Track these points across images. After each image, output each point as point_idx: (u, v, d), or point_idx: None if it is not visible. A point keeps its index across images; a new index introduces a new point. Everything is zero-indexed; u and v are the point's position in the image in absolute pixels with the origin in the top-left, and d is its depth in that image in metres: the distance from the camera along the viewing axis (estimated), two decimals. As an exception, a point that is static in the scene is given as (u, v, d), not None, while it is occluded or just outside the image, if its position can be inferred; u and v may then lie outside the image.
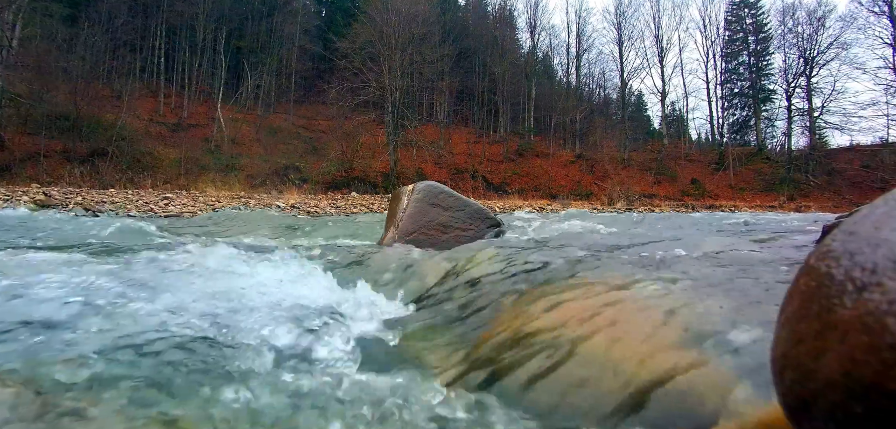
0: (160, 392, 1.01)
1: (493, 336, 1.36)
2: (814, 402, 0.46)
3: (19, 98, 20.02)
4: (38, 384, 0.99)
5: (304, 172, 24.26)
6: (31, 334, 1.23)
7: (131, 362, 1.12)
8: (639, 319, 1.15)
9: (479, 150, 30.32)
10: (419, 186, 3.72)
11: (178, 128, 26.31)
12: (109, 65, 26.69)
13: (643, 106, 46.03)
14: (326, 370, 1.20)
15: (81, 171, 18.30)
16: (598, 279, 1.53)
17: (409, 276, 2.29)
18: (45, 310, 1.40)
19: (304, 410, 0.97)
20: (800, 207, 21.47)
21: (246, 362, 1.18)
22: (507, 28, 37.03)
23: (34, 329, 1.27)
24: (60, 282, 1.67)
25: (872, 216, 0.53)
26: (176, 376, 1.08)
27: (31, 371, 1.04)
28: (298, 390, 1.05)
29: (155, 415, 0.92)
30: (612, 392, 0.95)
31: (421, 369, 1.29)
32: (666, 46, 35.13)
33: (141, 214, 8.24)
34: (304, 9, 36.08)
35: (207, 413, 0.94)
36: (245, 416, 0.94)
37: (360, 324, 1.62)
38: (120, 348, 1.17)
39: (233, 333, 1.32)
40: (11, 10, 20.23)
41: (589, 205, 20.29)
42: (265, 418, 0.94)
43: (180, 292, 1.64)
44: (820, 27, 28.94)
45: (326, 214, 10.24)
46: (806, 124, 29.96)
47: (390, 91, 25.49)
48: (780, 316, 0.55)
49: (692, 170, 30.38)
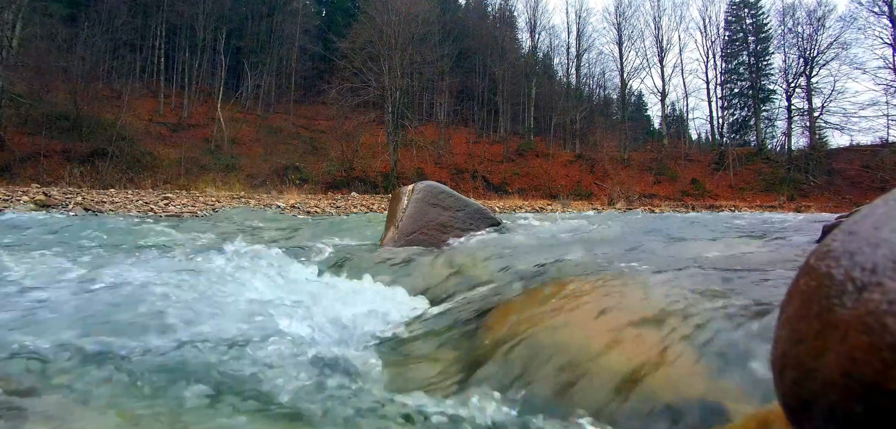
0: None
1: (492, 335, 1.36)
2: (814, 402, 0.46)
3: (19, 98, 20.00)
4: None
5: (304, 172, 24.25)
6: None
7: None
8: (635, 317, 1.15)
9: (479, 150, 30.30)
10: (419, 186, 3.71)
11: (178, 128, 26.29)
12: (109, 65, 26.66)
13: (643, 106, 46.02)
14: (327, 369, 1.20)
15: (81, 171, 18.28)
16: (595, 278, 1.53)
17: (409, 275, 2.29)
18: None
19: (303, 401, 0.97)
20: (800, 208, 21.45)
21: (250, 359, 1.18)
22: (507, 28, 37.00)
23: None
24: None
25: (872, 216, 0.53)
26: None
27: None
28: (299, 385, 1.05)
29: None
30: (612, 391, 0.95)
31: (420, 367, 1.29)
32: (666, 46, 35.12)
33: (141, 215, 8.24)
34: (304, 9, 36.03)
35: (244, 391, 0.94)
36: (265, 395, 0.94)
37: (359, 324, 1.62)
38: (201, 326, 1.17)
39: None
40: (11, 10, 20.20)
41: (589, 205, 20.28)
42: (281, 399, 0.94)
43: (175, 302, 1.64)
44: (820, 27, 28.91)
45: (326, 214, 10.24)
46: (806, 124, 29.93)
47: (390, 91, 25.47)
48: (780, 316, 0.55)
49: (692, 170, 30.33)
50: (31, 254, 2.57)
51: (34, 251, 2.79)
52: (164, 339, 1.27)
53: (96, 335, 1.26)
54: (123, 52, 27.02)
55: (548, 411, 0.98)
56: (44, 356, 1.12)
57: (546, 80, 37.46)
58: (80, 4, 26.03)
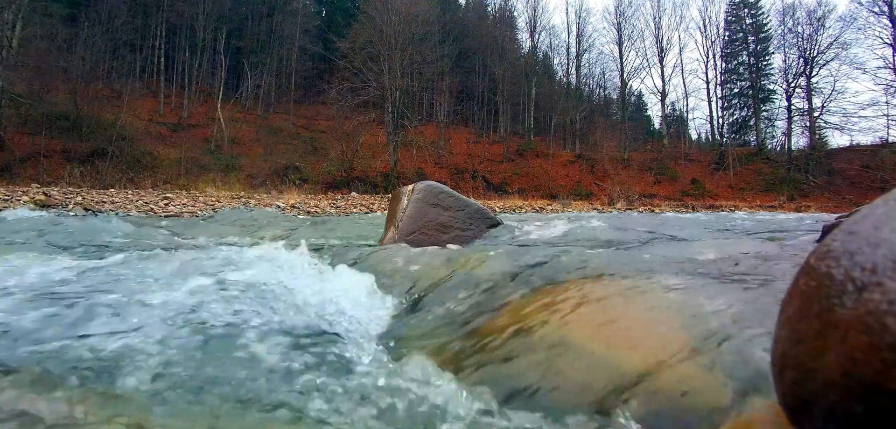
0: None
1: (492, 335, 1.36)
2: (814, 402, 0.46)
3: (19, 98, 20.01)
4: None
5: (304, 172, 24.25)
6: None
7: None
8: (638, 318, 1.15)
9: (479, 150, 30.31)
10: (419, 186, 3.72)
11: (178, 128, 26.31)
12: (109, 65, 26.68)
13: (643, 106, 46.07)
14: (327, 367, 1.20)
15: (81, 171, 18.29)
16: (598, 279, 1.53)
17: (409, 275, 2.29)
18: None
19: (310, 399, 0.97)
20: (800, 208, 21.48)
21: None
22: (507, 28, 37.03)
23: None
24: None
25: (872, 216, 0.53)
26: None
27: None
28: (305, 384, 1.05)
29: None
30: (611, 391, 0.95)
31: (419, 366, 1.29)
32: (666, 46, 35.17)
33: (141, 214, 8.24)
34: (304, 9, 36.05)
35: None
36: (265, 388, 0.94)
37: (359, 323, 1.62)
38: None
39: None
40: (11, 9, 20.21)
41: (589, 205, 20.30)
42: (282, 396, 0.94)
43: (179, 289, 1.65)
44: (820, 27, 28.96)
45: (326, 214, 10.24)
46: (806, 124, 29.96)
47: (390, 91, 25.48)
48: (780, 316, 0.55)
49: (692, 170, 30.35)
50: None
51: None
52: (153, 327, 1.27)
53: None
54: (123, 52, 27.03)
55: (548, 410, 0.98)
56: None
57: (546, 80, 37.49)
58: (80, 4, 26.04)
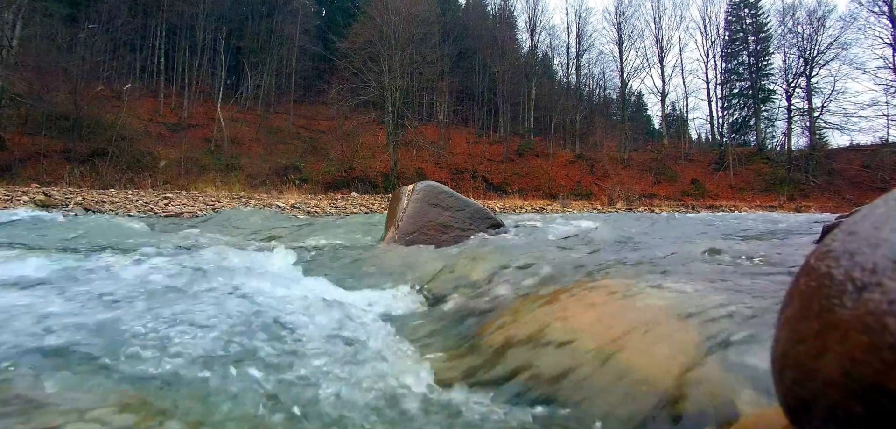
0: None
1: (491, 334, 1.36)
2: (814, 402, 0.46)
3: (19, 98, 19.99)
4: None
5: (304, 172, 24.25)
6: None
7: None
8: (637, 318, 1.15)
9: (479, 150, 30.31)
10: (419, 186, 3.72)
11: (178, 128, 26.29)
12: (109, 65, 26.66)
13: (643, 106, 46.02)
14: (327, 367, 1.20)
15: (81, 171, 18.28)
16: (597, 279, 1.53)
17: (409, 275, 2.29)
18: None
19: (297, 386, 0.97)
20: (800, 208, 21.48)
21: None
22: (506, 28, 36.99)
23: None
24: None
25: (872, 216, 0.53)
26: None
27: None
28: (303, 379, 1.05)
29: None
30: (611, 390, 0.95)
31: (419, 365, 1.28)
32: (666, 46, 35.15)
33: (141, 215, 8.24)
34: (304, 9, 36.01)
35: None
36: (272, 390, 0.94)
37: (359, 323, 1.62)
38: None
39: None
40: (11, 9, 20.20)
41: (589, 205, 20.30)
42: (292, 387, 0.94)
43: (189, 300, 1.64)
44: (820, 27, 28.94)
45: (326, 214, 10.24)
46: (806, 124, 29.95)
47: (390, 91, 25.47)
48: (780, 316, 0.55)
49: (692, 170, 30.35)
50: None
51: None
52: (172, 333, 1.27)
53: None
54: (123, 52, 27.01)
55: (547, 410, 0.98)
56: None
57: (546, 80, 37.47)
58: (80, 4, 26.03)
